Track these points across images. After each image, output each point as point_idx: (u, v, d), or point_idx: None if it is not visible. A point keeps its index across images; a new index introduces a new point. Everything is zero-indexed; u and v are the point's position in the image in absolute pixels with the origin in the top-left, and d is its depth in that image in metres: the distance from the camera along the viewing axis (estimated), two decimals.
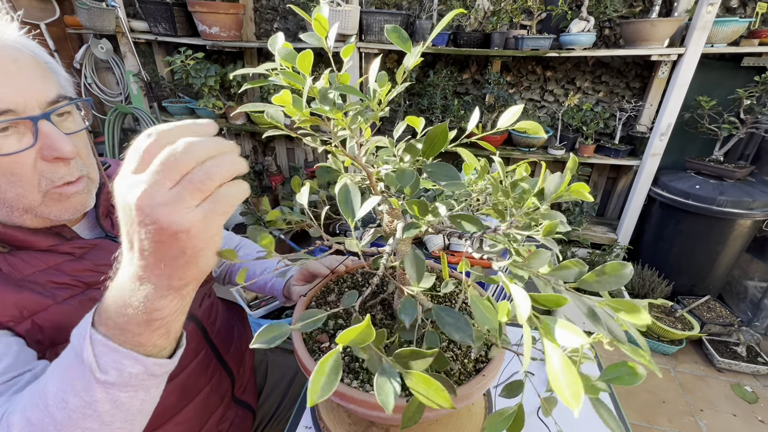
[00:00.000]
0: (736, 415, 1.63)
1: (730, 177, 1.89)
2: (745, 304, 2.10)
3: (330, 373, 0.35)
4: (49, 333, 0.51)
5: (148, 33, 2.47)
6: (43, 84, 0.50)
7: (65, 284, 0.54)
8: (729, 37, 1.77)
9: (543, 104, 2.35)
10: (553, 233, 0.42)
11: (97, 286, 0.56)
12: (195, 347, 0.68)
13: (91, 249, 0.58)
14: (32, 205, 0.51)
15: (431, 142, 0.45)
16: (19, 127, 0.47)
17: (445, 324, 0.40)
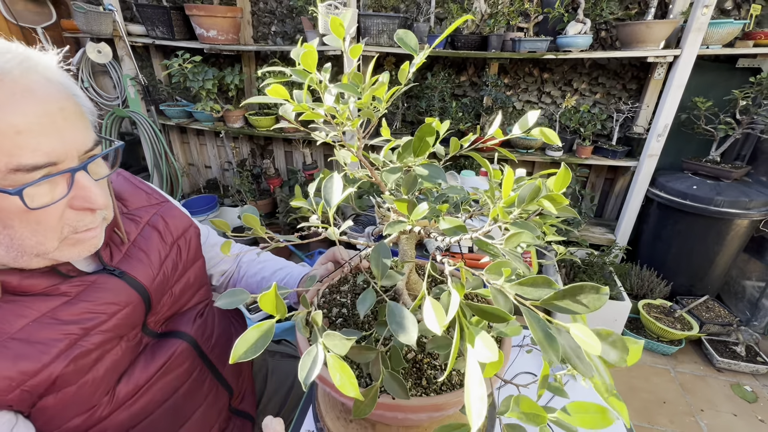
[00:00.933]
0: (737, 414, 1.63)
1: (727, 177, 1.91)
2: (743, 304, 2.10)
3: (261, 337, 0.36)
4: (39, 392, 0.48)
5: (146, 36, 2.47)
6: (83, 132, 0.48)
7: (58, 337, 0.50)
8: (724, 38, 1.79)
9: (540, 106, 2.36)
10: (515, 245, 0.40)
11: (97, 330, 0.53)
12: (188, 368, 0.66)
13: (87, 287, 0.54)
14: (47, 251, 0.48)
15: (420, 139, 0.45)
16: (56, 178, 0.45)
17: (392, 322, 0.38)
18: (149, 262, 0.62)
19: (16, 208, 0.43)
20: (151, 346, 0.63)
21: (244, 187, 2.65)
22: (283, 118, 0.48)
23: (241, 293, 0.44)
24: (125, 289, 0.58)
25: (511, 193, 0.38)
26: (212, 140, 3.00)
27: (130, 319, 0.58)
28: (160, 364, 0.61)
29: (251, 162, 2.94)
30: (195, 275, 0.72)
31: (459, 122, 2.20)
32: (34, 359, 0.47)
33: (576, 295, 0.30)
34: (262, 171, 2.80)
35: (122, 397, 0.56)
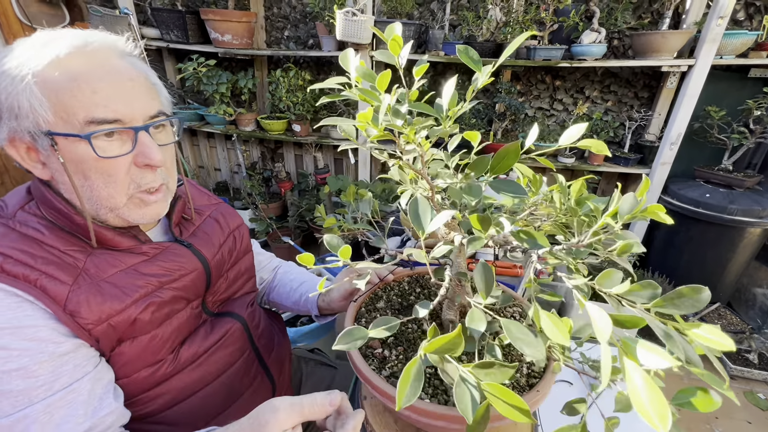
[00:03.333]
0: (751, 422, 1.64)
1: (739, 186, 1.92)
2: (755, 312, 2.12)
3: (414, 379, 0.36)
4: (120, 331, 0.56)
5: (160, 40, 2.48)
6: (149, 101, 0.57)
7: (140, 285, 0.58)
8: (738, 49, 1.81)
9: (552, 113, 2.38)
10: (628, 253, 0.42)
11: (169, 286, 0.62)
12: (240, 347, 0.73)
13: (162, 251, 0.64)
14: (117, 206, 0.56)
15: (501, 158, 0.46)
16: (123, 135, 0.54)
17: (515, 338, 0.40)
18: (210, 243, 0.72)
19: (90, 158, 0.51)
20: (210, 321, 0.71)
21: (255, 190, 2.66)
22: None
23: (360, 332, 0.45)
24: (191, 257, 0.67)
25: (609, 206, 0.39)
26: (222, 143, 3.01)
27: (195, 284, 0.66)
28: (218, 337, 0.69)
29: (261, 165, 2.95)
30: (246, 265, 0.81)
31: (472, 128, 2.21)
32: (119, 299, 0.55)
33: (677, 299, 0.33)
34: (273, 174, 2.81)
35: (184, 360, 0.63)
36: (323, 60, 2.55)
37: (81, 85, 0.50)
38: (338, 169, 2.86)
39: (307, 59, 2.59)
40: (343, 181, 2.39)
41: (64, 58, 0.50)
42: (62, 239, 0.55)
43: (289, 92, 2.38)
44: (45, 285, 0.50)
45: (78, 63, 0.51)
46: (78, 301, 0.52)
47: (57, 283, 0.51)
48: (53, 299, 0.50)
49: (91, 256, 0.56)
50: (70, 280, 0.52)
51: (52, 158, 0.52)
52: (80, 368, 0.51)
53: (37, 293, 0.49)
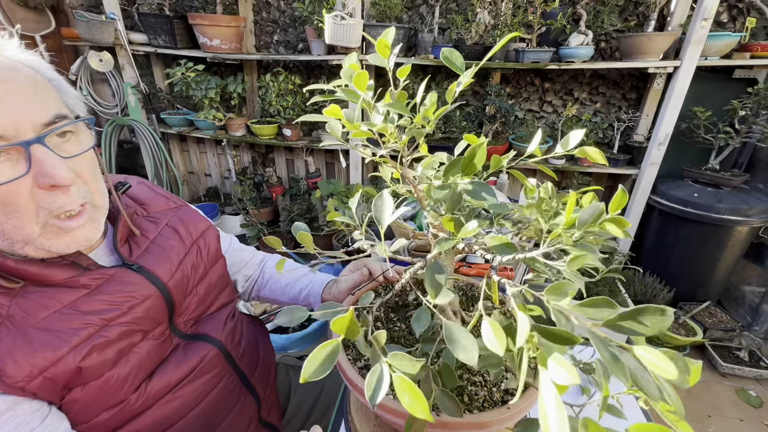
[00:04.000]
0: (743, 420, 1.65)
1: (726, 185, 1.95)
2: (744, 309, 2.14)
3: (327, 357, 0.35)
4: (63, 381, 0.49)
5: (147, 45, 2.46)
6: (38, 105, 0.45)
7: (78, 327, 0.50)
8: (722, 50, 1.84)
9: (542, 115, 2.39)
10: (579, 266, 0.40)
11: (116, 322, 0.53)
12: (219, 372, 0.67)
13: (106, 281, 0.55)
14: (31, 238, 0.47)
15: (470, 159, 0.46)
16: (12, 153, 0.43)
17: (451, 340, 0.38)
18: (168, 259, 0.63)
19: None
20: (183, 347, 0.64)
21: (245, 195, 2.64)
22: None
23: (300, 310, 0.44)
24: (143, 282, 0.58)
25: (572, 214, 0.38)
26: (212, 148, 2.98)
27: (151, 314, 0.58)
28: (192, 365, 0.62)
29: (252, 170, 2.93)
30: (218, 275, 0.73)
31: (463, 131, 2.22)
32: (53, 347, 0.48)
33: (639, 316, 0.29)
34: (264, 179, 2.79)
35: (155, 394, 0.57)
36: (313, 64, 2.54)
37: None
38: (330, 173, 2.85)
39: (296, 63, 2.58)
40: (335, 185, 2.38)
41: None
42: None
43: (279, 96, 2.37)
44: None
45: None
46: (3, 358, 0.44)
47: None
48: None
49: (18, 297, 0.48)
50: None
51: None
52: (24, 425, 0.45)
53: None
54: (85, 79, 2.71)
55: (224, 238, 0.83)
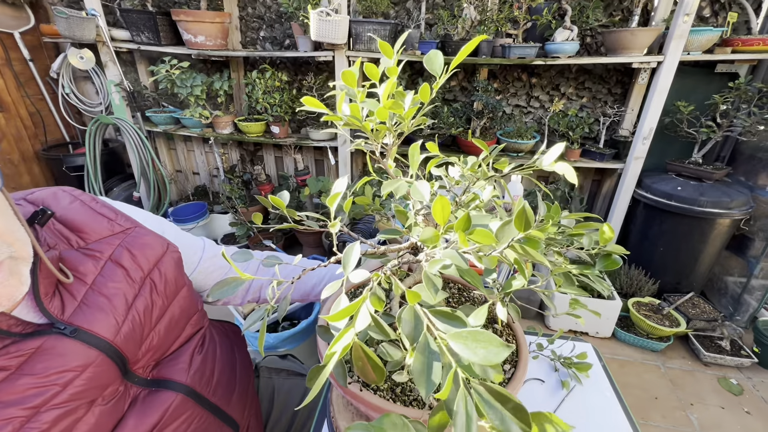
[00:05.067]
0: (724, 407, 1.70)
1: (708, 178, 1.98)
2: (726, 299, 2.19)
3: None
4: None
5: (130, 42, 2.41)
6: None
7: (2, 421, 0.41)
8: (704, 45, 1.86)
9: (529, 110, 2.41)
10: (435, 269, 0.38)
11: (44, 408, 0.44)
12: (187, 418, 0.60)
13: (30, 357, 0.44)
14: None
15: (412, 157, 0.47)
16: None
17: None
18: (112, 309, 0.52)
19: None
20: (143, 399, 0.56)
21: (234, 193, 2.62)
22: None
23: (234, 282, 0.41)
24: (81, 350, 0.47)
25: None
26: (200, 146, 2.95)
27: (96, 381, 0.49)
28: (155, 421, 0.54)
29: (241, 168, 2.90)
30: (181, 307, 0.62)
31: (451, 127, 2.22)
32: None
33: (476, 340, 0.28)
34: (253, 177, 2.77)
35: None
36: (300, 60, 2.52)
37: None
38: (319, 171, 2.84)
39: (283, 60, 2.56)
40: (324, 183, 2.37)
41: None
42: None
43: (266, 94, 2.35)
44: None
45: None
46: None
47: None
48: None
49: None
50: None
51: None
52: None
53: None
54: (67, 77, 2.65)
55: (193, 251, 0.71)
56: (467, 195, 0.52)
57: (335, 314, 0.33)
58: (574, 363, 0.81)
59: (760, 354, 1.88)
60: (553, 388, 0.80)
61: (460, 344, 0.28)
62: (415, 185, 0.45)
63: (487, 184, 0.51)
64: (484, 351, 0.27)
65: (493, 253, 0.38)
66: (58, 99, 2.74)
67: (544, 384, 0.81)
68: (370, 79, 0.47)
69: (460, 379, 0.27)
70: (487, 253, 0.38)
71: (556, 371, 0.83)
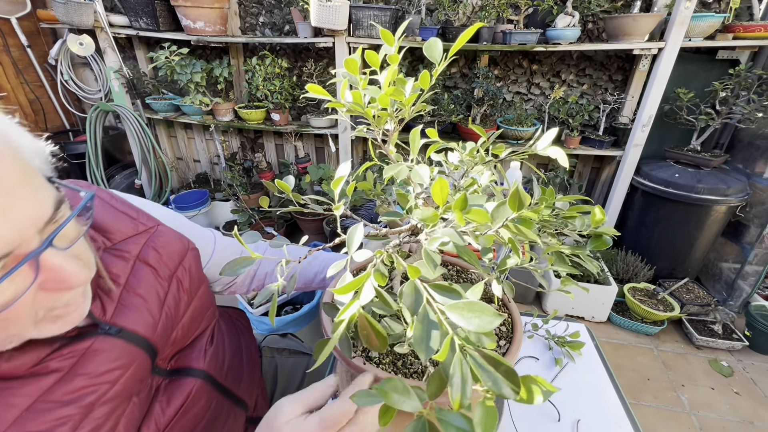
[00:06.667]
0: (714, 388, 1.75)
1: (706, 165, 2.00)
2: (720, 285, 2.23)
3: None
4: None
5: (129, 28, 2.39)
6: (37, 202, 0.36)
7: (59, 421, 0.42)
8: (705, 31, 1.85)
9: (530, 97, 2.41)
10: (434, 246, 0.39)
11: (102, 402, 0.46)
12: (207, 400, 0.63)
13: (81, 357, 0.46)
14: (23, 338, 0.40)
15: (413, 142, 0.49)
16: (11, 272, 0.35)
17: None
18: (148, 308, 0.53)
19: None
20: (165, 387, 0.58)
21: (235, 181, 2.63)
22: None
23: (246, 261, 0.44)
24: (126, 348, 0.50)
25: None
26: (200, 134, 2.95)
27: (138, 376, 0.52)
28: (178, 405, 0.57)
29: (242, 155, 2.91)
30: (201, 302, 0.65)
31: (451, 114, 2.23)
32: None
33: (471, 310, 0.30)
34: (254, 165, 2.78)
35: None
36: (300, 47, 2.51)
37: None
38: (320, 158, 2.85)
39: (283, 46, 2.54)
40: (325, 170, 2.39)
41: None
42: None
43: (266, 80, 2.34)
44: None
45: None
46: None
47: None
48: None
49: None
50: None
51: None
52: None
53: None
54: (65, 64, 2.64)
55: (206, 243, 0.73)
56: (465, 180, 0.55)
57: (342, 287, 0.35)
58: (567, 342, 0.84)
59: (752, 337, 1.93)
60: (547, 365, 0.83)
61: (456, 314, 0.31)
62: (416, 169, 0.47)
63: (485, 169, 0.53)
64: (478, 320, 0.30)
65: (488, 232, 0.40)
66: (57, 86, 2.73)
67: (538, 361, 0.84)
68: (371, 66, 0.49)
69: (456, 345, 0.30)
70: (483, 232, 0.40)
71: (551, 350, 0.87)
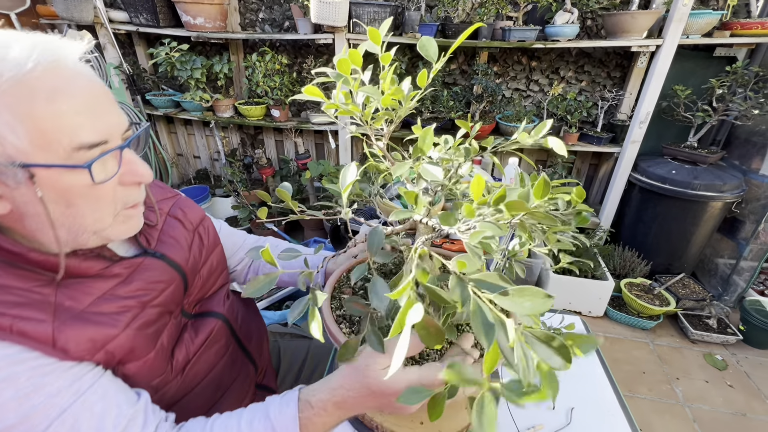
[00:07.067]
0: (708, 381, 1.78)
1: (703, 162, 2.01)
2: (716, 280, 2.25)
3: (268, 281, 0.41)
4: (119, 357, 0.54)
5: (129, 24, 2.39)
6: (120, 115, 0.51)
7: (122, 310, 0.55)
8: (703, 28, 1.86)
9: (528, 94, 2.42)
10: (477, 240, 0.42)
11: (152, 305, 0.59)
12: (225, 343, 0.74)
13: (136, 269, 0.60)
14: (103, 228, 0.52)
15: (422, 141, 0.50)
16: (107, 156, 0.48)
17: (372, 291, 0.46)
18: (180, 247, 0.68)
19: (81, 185, 0.47)
20: (192, 324, 0.69)
21: (236, 177, 2.64)
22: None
23: (267, 279, 0.48)
24: (167, 269, 0.64)
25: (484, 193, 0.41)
26: (200, 130, 2.96)
27: (174, 296, 0.64)
28: (203, 339, 0.68)
29: (242, 152, 2.92)
30: (217, 260, 0.77)
31: (450, 111, 2.24)
32: (108, 326, 0.52)
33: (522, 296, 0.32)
34: (254, 161, 2.79)
35: (178, 365, 0.64)
36: (300, 43, 2.51)
37: (60, 106, 0.43)
38: (319, 154, 2.87)
39: (283, 42, 2.54)
40: (325, 166, 2.40)
41: (34, 73, 0.42)
42: (19, 277, 0.48)
43: (266, 77, 2.35)
44: (22, 329, 0.45)
45: (50, 77, 0.43)
46: (67, 337, 0.47)
47: (35, 323, 0.46)
48: (37, 340, 0.46)
49: (61, 288, 0.51)
50: (48, 318, 0.47)
51: (22, 191, 0.44)
52: (97, 372, 0.51)
53: (16, 338, 0.44)
54: None
55: (215, 224, 0.85)
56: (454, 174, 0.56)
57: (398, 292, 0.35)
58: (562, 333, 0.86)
59: (746, 332, 1.96)
60: None
61: (507, 301, 0.32)
62: (426, 167, 0.48)
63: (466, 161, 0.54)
64: (530, 303, 0.32)
65: (513, 221, 0.42)
66: None
67: None
68: (369, 65, 0.50)
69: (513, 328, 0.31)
70: (508, 221, 0.42)
71: None
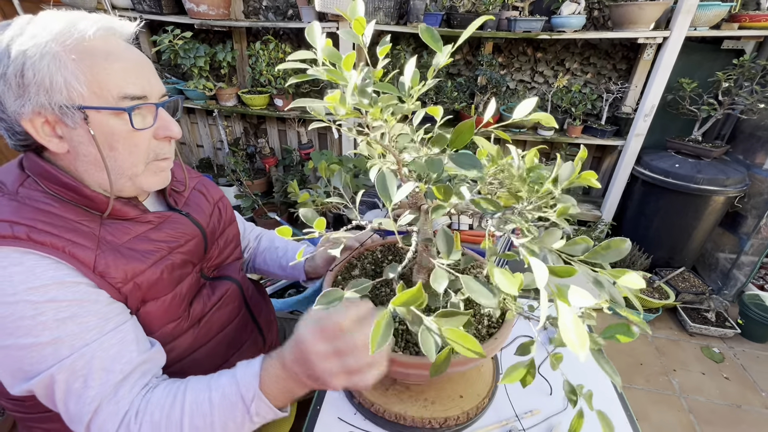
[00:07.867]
0: (705, 373, 1.80)
1: (707, 156, 2.01)
2: (716, 274, 2.26)
3: (384, 328, 0.42)
4: (144, 291, 0.61)
5: (132, 10, 2.38)
6: (158, 81, 0.62)
7: (153, 250, 0.64)
8: (711, 20, 1.84)
9: (533, 85, 2.40)
10: (565, 214, 0.48)
11: (177, 251, 0.68)
12: (237, 305, 0.81)
13: (166, 219, 0.69)
14: (137, 173, 0.61)
15: (458, 134, 0.51)
16: (144, 110, 0.59)
17: (472, 291, 0.46)
18: (202, 212, 0.78)
19: (123, 130, 0.57)
20: (209, 285, 0.77)
21: (239, 166, 2.65)
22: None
23: (336, 293, 0.51)
24: (190, 224, 0.73)
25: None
26: (203, 119, 2.96)
27: (197, 249, 0.73)
28: (218, 297, 0.76)
29: (245, 141, 2.92)
30: (233, 233, 0.87)
31: (454, 102, 2.23)
32: (140, 261, 0.61)
33: (607, 249, 0.40)
34: (257, 150, 2.79)
35: (194, 316, 0.70)
36: (304, 32, 2.49)
37: (113, 64, 0.54)
38: (322, 144, 2.86)
39: (287, 31, 2.53)
40: (328, 156, 2.40)
41: (94, 39, 0.54)
42: (72, 211, 0.58)
43: (270, 66, 2.34)
44: (72, 251, 0.54)
45: (106, 43, 0.55)
46: (106, 263, 0.56)
47: (82, 248, 0.55)
48: (82, 263, 0.54)
49: (103, 225, 0.60)
50: (93, 246, 0.56)
51: (78, 131, 0.54)
52: (122, 315, 0.58)
53: (67, 258, 0.53)
54: None
55: None
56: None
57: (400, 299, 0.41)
58: None
59: (744, 325, 1.98)
60: (542, 343, 0.87)
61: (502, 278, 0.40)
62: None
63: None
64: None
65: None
66: None
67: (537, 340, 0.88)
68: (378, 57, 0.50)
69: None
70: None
71: (545, 329, 0.91)
